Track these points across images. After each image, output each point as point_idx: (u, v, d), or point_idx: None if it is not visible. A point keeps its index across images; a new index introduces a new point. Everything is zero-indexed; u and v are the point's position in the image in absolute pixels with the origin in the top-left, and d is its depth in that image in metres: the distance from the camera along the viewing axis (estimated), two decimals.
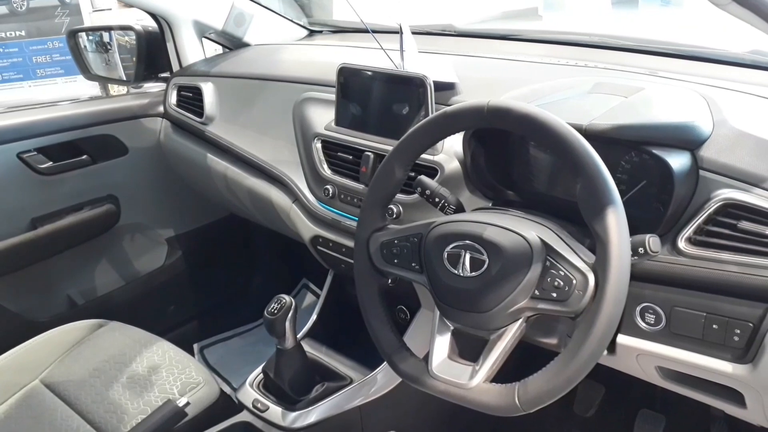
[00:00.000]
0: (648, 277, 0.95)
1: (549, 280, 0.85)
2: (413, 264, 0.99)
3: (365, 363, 1.46)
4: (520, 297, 0.87)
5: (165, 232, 2.09)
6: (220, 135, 1.72)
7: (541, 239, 0.88)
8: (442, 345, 0.96)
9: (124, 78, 2.02)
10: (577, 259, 0.84)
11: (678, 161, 0.92)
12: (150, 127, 1.94)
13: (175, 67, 1.93)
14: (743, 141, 0.93)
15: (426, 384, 0.95)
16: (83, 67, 2.03)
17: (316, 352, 1.54)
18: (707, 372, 0.95)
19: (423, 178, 1.09)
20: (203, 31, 1.91)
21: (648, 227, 0.93)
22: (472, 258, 0.90)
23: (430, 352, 0.96)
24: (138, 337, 1.47)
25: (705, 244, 0.91)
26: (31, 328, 1.55)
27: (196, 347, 2.14)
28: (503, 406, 0.86)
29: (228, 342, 2.22)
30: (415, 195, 1.11)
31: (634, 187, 1.00)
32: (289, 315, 1.30)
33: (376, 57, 1.30)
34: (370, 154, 1.29)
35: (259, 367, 1.44)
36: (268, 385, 1.42)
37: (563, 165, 1.00)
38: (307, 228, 1.48)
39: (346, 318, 1.55)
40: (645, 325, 0.97)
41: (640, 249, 0.85)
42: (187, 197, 2.08)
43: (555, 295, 0.85)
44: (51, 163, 1.76)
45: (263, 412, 1.36)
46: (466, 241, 0.91)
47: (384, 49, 1.27)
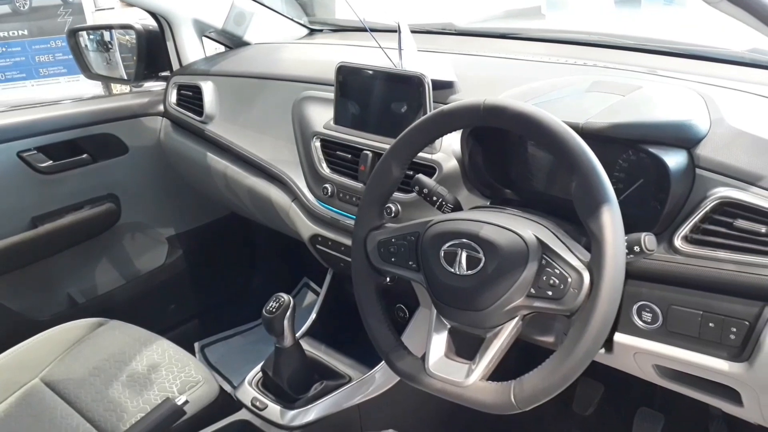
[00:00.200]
0: (645, 276, 0.95)
1: (545, 278, 0.85)
2: (410, 262, 0.99)
3: (364, 361, 1.46)
4: (516, 295, 0.87)
5: (165, 230, 2.09)
6: (219, 134, 1.72)
7: (537, 238, 0.88)
8: (438, 343, 0.96)
9: (125, 77, 2.01)
10: (573, 258, 0.85)
11: (674, 160, 0.91)
12: (150, 126, 1.94)
13: (176, 66, 1.93)
14: (740, 139, 0.93)
15: (423, 382, 0.95)
16: (84, 66, 2.03)
17: (315, 350, 1.54)
18: (704, 370, 0.95)
19: (421, 176, 1.09)
20: (203, 30, 1.91)
21: (645, 225, 0.93)
22: (468, 256, 0.90)
23: (426, 350, 0.96)
24: (138, 336, 1.47)
25: (701, 242, 0.91)
26: (32, 326, 1.55)
27: (197, 346, 2.14)
28: (499, 404, 0.87)
29: (229, 341, 2.21)
30: (414, 194, 1.11)
31: (631, 186, 1.00)
32: (288, 313, 1.30)
33: (375, 56, 1.30)
34: (368, 152, 1.30)
35: (258, 366, 1.44)
36: (267, 384, 1.42)
37: (560, 163, 1.00)
38: (306, 227, 1.48)
39: (345, 317, 1.55)
40: (642, 324, 0.97)
41: (635, 247, 0.85)
42: (188, 196, 2.08)
43: (550, 294, 0.85)
44: (51, 162, 1.76)
45: (262, 410, 1.37)
46: (462, 240, 0.91)
47: (382, 48, 1.26)
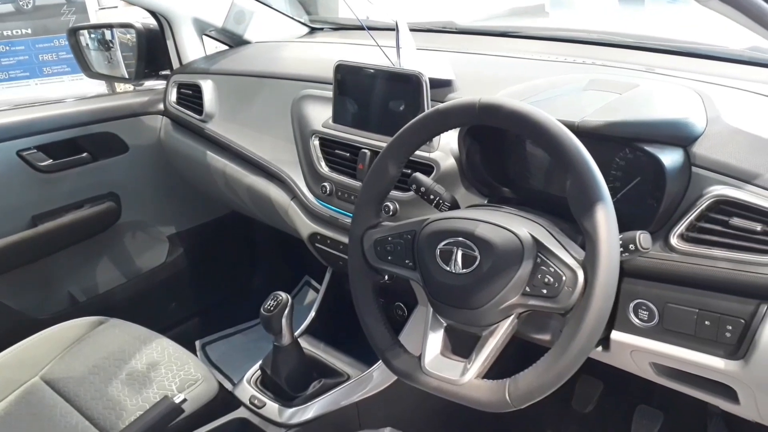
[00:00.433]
0: (641, 274, 0.95)
1: (539, 276, 0.85)
2: (407, 261, 0.99)
3: (363, 359, 1.46)
4: (511, 293, 0.87)
5: (166, 229, 2.09)
6: (219, 132, 1.72)
7: (533, 236, 0.88)
8: (435, 342, 0.96)
9: (126, 76, 2.01)
10: (567, 256, 0.85)
11: (670, 158, 0.91)
12: (150, 125, 1.94)
13: (176, 65, 1.93)
14: (736, 137, 0.93)
15: (418, 380, 0.95)
16: (84, 65, 2.03)
17: (314, 348, 1.54)
18: (700, 368, 0.95)
19: (418, 175, 1.09)
20: (203, 29, 1.91)
21: (642, 224, 0.93)
22: (464, 255, 0.90)
23: (422, 348, 0.96)
24: (138, 334, 1.47)
25: (697, 240, 0.91)
26: (32, 325, 1.55)
27: (198, 344, 2.14)
28: (494, 402, 0.87)
29: (230, 339, 2.21)
30: (411, 192, 1.11)
31: (628, 184, 1.00)
32: (286, 312, 1.30)
33: (375, 54, 1.30)
34: (366, 151, 1.30)
35: (257, 364, 1.44)
36: (265, 382, 1.42)
37: (555, 162, 1.00)
38: (305, 225, 1.48)
39: (344, 315, 1.54)
40: (638, 322, 0.97)
41: (630, 246, 0.85)
42: (188, 195, 2.08)
43: (545, 292, 0.85)
44: (51, 161, 1.76)
45: (260, 408, 1.37)
46: (458, 238, 0.91)
47: (380, 46, 1.26)
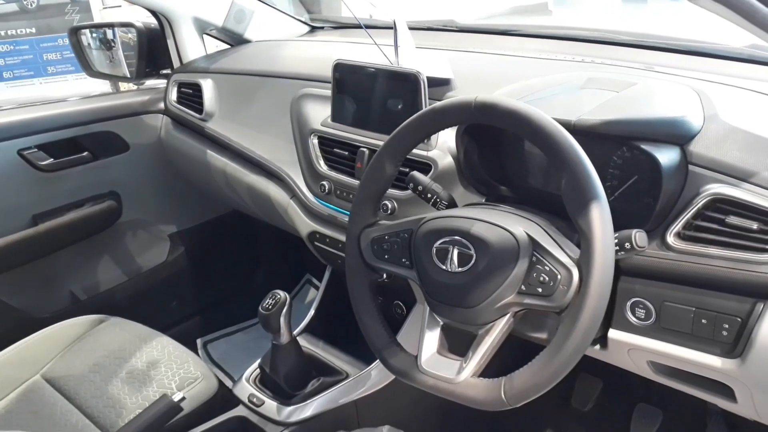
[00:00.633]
0: (637, 272, 0.95)
1: (535, 275, 0.85)
2: (403, 260, 0.99)
3: (362, 358, 1.46)
4: (506, 292, 0.87)
5: (167, 228, 2.09)
6: (219, 131, 1.72)
7: (528, 235, 0.88)
8: (431, 340, 0.96)
9: (127, 75, 2.01)
10: (563, 255, 0.85)
11: (666, 156, 0.91)
12: (151, 124, 1.94)
13: (176, 64, 1.93)
14: (733, 136, 0.92)
15: (415, 379, 0.95)
16: (85, 64, 2.03)
17: (313, 347, 1.54)
18: (697, 366, 0.95)
19: (415, 173, 1.09)
20: (204, 28, 1.91)
21: (639, 222, 0.93)
22: (459, 253, 0.90)
23: (419, 347, 0.96)
24: (138, 333, 1.48)
25: (693, 239, 0.91)
26: (34, 323, 1.56)
27: (199, 342, 2.14)
28: (489, 400, 0.87)
29: (231, 337, 2.21)
30: (409, 191, 1.11)
31: (625, 183, 1.00)
32: (284, 310, 1.30)
33: (375, 53, 1.30)
34: (365, 149, 1.30)
35: (256, 362, 1.45)
36: (264, 380, 1.42)
37: (550, 160, 1.00)
38: (305, 224, 1.48)
39: (343, 313, 1.54)
40: (635, 320, 0.97)
41: (626, 244, 0.85)
42: (190, 193, 2.09)
43: (540, 290, 0.85)
44: (52, 160, 1.77)
45: (258, 406, 1.37)
46: (454, 237, 0.91)
47: (378, 45, 1.26)
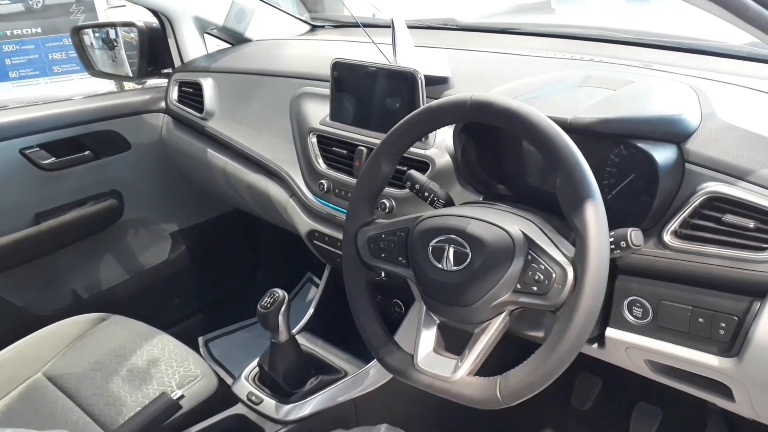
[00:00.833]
0: (635, 271, 0.95)
1: (530, 273, 0.85)
2: (400, 258, 0.99)
3: (360, 356, 1.46)
4: (502, 291, 0.87)
5: (169, 226, 2.10)
6: (219, 130, 1.73)
7: (524, 233, 0.88)
8: (428, 339, 0.97)
9: (130, 74, 2.02)
10: (558, 253, 0.84)
11: (663, 155, 0.91)
12: (152, 123, 1.95)
13: (177, 63, 1.94)
14: (730, 133, 0.92)
15: (411, 377, 0.95)
16: (87, 64, 2.05)
17: (312, 345, 1.54)
18: (694, 365, 0.95)
19: (412, 172, 1.09)
20: (204, 27, 1.92)
21: (636, 221, 0.93)
22: (455, 252, 0.90)
23: (415, 345, 0.96)
24: (139, 331, 1.48)
25: (690, 237, 0.91)
26: (36, 321, 1.57)
27: (201, 340, 2.14)
28: (485, 399, 0.87)
29: (233, 335, 2.21)
30: (407, 189, 1.11)
31: (622, 181, 0.99)
32: (282, 309, 1.30)
33: (374, 52, 1.30)
34: (363, 148, 1.30)
35: (255, 361, 1.45)
36: (263, 378, 1.42)
37: (545, 159, 1.00)
38: (304, 222, 1.49)
39: (342, 312, 1.54)
40: (633, 319, 0.97)
41: (622, 243, 0.85)
42: (191, 192, 2.09)
43: (536, 289, 0.85)
44: (54, 159, 1.77)
45: (257, 404, 1.37)
46: (450, 235, 0.91)
47: (375, 44, 1.27)
